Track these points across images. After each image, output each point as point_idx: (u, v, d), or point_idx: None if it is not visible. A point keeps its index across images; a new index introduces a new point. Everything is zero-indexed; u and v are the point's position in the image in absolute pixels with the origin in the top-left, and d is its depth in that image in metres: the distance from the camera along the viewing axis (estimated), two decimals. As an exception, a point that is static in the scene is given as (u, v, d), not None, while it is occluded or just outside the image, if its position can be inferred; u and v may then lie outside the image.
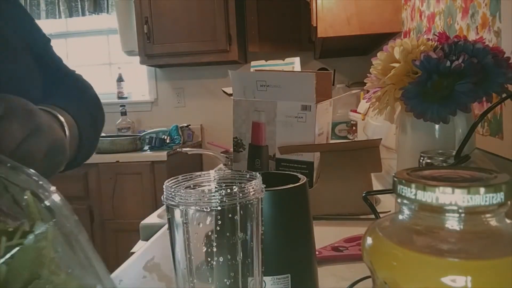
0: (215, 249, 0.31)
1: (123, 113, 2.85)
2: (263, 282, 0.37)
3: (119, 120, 2.84)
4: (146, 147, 2.55)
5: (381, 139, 0.84)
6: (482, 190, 0.22)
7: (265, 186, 0.33)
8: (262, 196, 0.33)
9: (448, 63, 0.54)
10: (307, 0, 2.04)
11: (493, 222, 0.23)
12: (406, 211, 0.25)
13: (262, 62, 1.49)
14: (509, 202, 0.23)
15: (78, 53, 3.11)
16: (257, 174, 0.34)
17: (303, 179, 0.40)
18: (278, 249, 0.38)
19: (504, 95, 0.54)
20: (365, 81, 0.67)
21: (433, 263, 0.21)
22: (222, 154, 1.26)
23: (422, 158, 0.56)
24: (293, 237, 0.39)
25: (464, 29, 0.92)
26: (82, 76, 0.77)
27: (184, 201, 0.30)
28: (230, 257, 0.31)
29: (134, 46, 2.63)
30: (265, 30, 2.64)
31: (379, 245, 0.25)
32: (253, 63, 1.49)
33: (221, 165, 1.28)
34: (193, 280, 0.31)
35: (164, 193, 0.31)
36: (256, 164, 0.93)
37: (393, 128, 0.96)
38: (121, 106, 2.85)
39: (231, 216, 0.30)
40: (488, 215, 0.23)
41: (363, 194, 0.50)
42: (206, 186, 0.35)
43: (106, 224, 2.42)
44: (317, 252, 0.54)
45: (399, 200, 0.25)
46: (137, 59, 2.66)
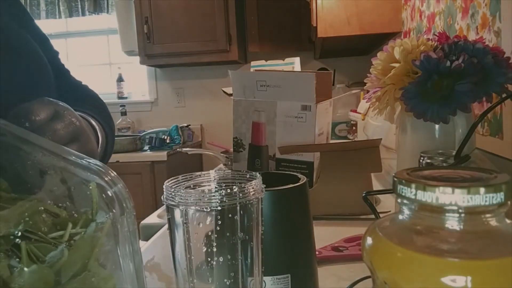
0: (215, 249, 0.31)
1: (123, 113, 2.86)
2: (263, 282, 0.37)
3: (119, 120, 2.84)
4: (146, 147, 2.55)
5: (381, 139, 0.84)
6: (482, 190, 0.22)
7: (265, 186, 0.33)
8: (262, 196, 0.33)
9: (448, 63, 0.54)
10: (307, 0, 2.04)
11: (493, 222, 0.23)
12: (406, 211, 0.25)
13: (262, 62, 1.49)
14: (509, 202, 0.23)
15: (78, 53, 3.11)
16: (257, 174, 0.34)
17: (303, 179, 0.40)
18: (278, 249, 0.38)
19: (504, 95, 0.53)
20: (365, 81, 0.67)
21: (433, 263, 0.21)
22: (222, 154, 1.26)
23: (422, 158, 0.56)
24: (293, 237, 0.39)
25: (464, 29, 0.92)
26: (88, 86, 0.79)
27: (184, 201, 0.30)
28: (230, 257, 0.31)
29: (134, 46, 2.64)
30: (265, 30, 2.64)
31: (379, 245, 0.25)
32: (253, 63, 1.49)
33: (221, 165, 1.28)
34: (193, 280, 0.31)
35: (164, 193, 0.31)
36: (256, 164, 0.93)
37: (393, 128, 0.96)
38: (121, 106, 2.85)
39: (231, 216, 0.30)
40: (488, 215, 0.23)
41: (363, 194, 0.50)
42: (206, 186, 0.35)
43: (106, 224, 2.43)
44: (317, 252, 0.54)
45: (399, 200, 0.25)
46: (137, 59, 2.66)
